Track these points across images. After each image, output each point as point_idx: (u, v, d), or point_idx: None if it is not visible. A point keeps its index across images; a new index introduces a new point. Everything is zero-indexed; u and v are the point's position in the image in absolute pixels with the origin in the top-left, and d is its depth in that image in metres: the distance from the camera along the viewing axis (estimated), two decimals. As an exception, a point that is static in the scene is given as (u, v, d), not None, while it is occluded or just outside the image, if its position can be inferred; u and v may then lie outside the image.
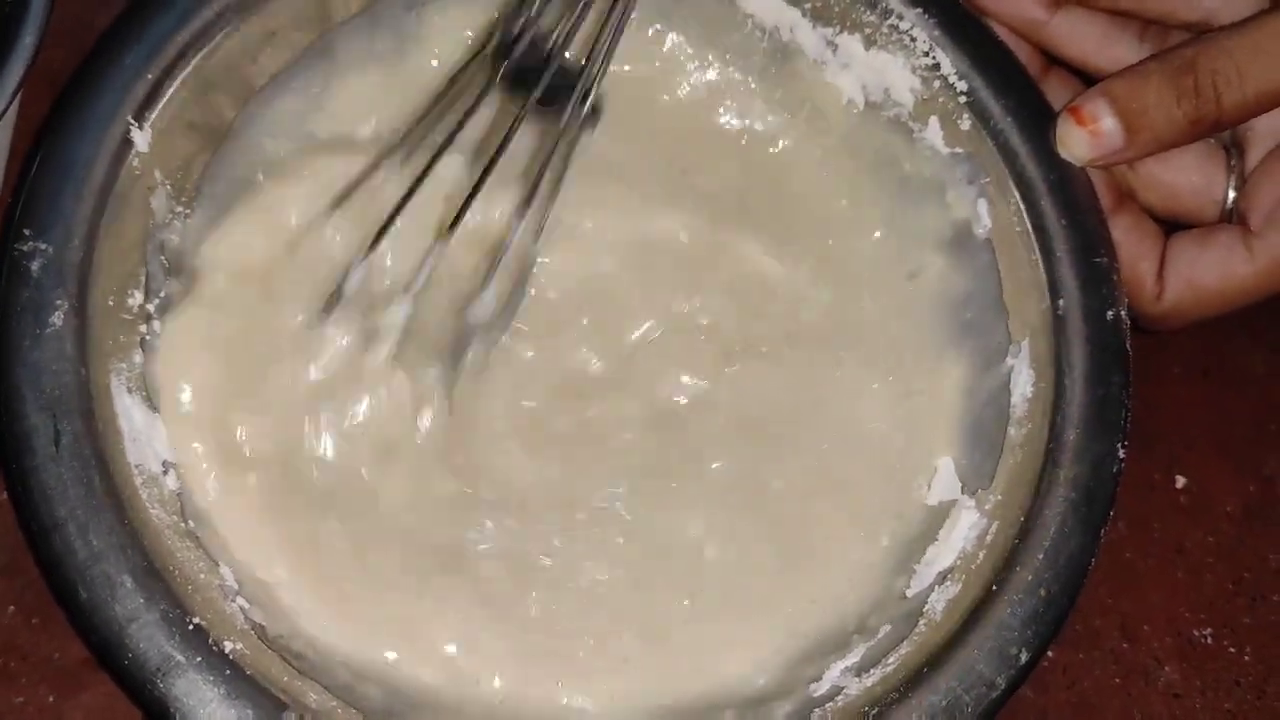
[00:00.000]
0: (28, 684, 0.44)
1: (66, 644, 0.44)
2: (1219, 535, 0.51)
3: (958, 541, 0.43)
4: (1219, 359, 0.54)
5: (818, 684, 0.42)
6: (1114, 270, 0.44)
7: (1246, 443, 0.53)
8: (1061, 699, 0.48)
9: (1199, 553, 0.51)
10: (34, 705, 0.44)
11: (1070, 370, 0.43)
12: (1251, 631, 0.50)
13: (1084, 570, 0.41)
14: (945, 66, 0.46)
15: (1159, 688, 0.49)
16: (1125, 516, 0.50)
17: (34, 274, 0.39)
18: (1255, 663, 0.50)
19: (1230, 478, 0.52)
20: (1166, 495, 0.52)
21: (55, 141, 0.41)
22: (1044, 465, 0.42)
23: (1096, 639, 0.49)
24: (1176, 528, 0.51)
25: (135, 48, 0.42)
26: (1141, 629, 0.49)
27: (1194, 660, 0.49)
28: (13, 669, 0.44)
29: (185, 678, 0.37)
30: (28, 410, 0.38)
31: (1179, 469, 0.52)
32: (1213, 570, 0.51)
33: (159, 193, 0.43)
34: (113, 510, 0.38)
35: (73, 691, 0.44)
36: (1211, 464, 0.52)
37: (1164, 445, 0.52)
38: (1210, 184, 0.47)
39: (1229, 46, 0.43)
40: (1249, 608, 0.50)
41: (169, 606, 0.37)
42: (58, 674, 0.44)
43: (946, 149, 0.47)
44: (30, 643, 0.44)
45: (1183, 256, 0.46)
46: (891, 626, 0.42)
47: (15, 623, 0.45)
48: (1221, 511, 0.52)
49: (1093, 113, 0.44)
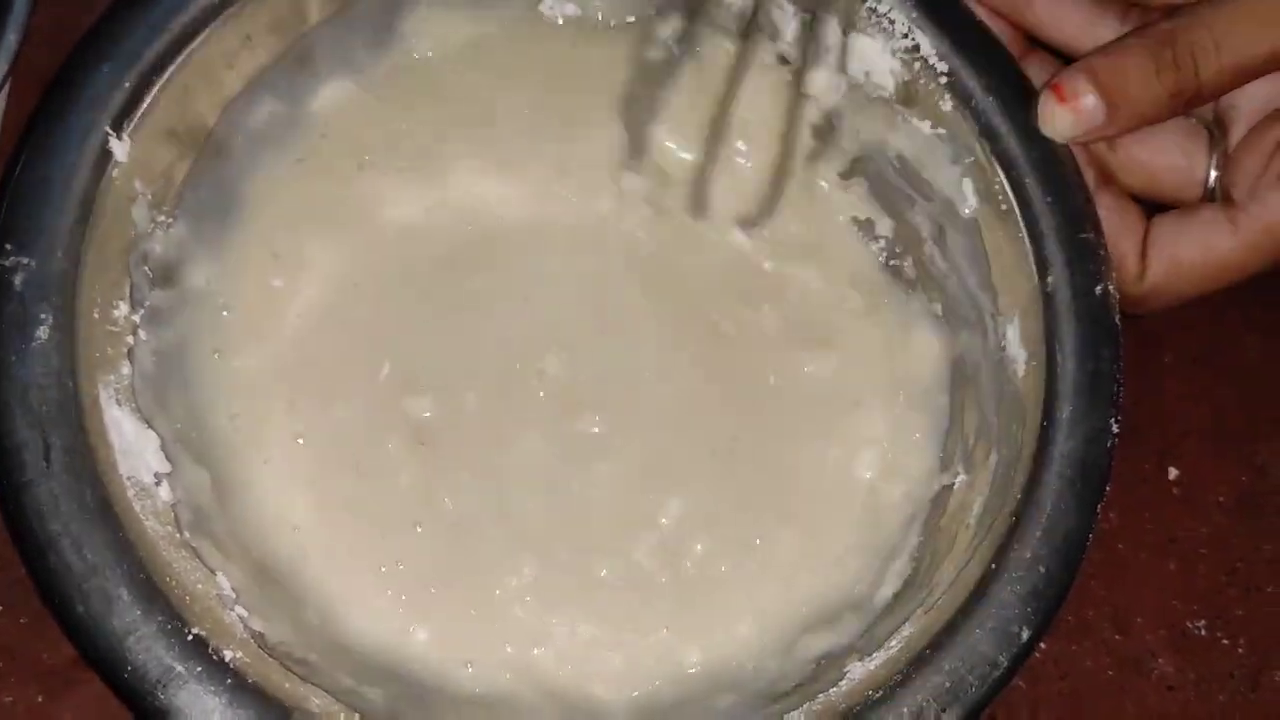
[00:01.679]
0: (16, 684, 0.44)
1: (56, 644, 0.44)
2: (1212, 526, 0.51)
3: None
4: (1210, 348, 0.53)
5: (820, 667, 0.42)
6: (1100, 246, 0.44)
7: (1238, 432, 0.52)
8: (1054, 691, 0.48)
9: (1191, 543, 0.51)
10: (23, 705, 0.44)
11: (1061, 347, 0.43)
12: (1245, 623, 0.50)
13: (1082, 546, 0.41)
14: (925, 48, 0.46)
15: (1152, 679, 0.49)
16: (1117, 508, 0.50)
17: (17, 288, 0.39)
18: (1249, 654, 0.49)
19: (1222, 468, 0.52)
20: (1158, 486, 0.51)
21: (34, 154, 0.40)
22: (1038, 442, 0.42)
23: (1089, 631, 0.49)
24: (1169, 519, 0.51)
25: (111, 57, 0.41)
26: (1134, 621, 0.49)
27: (1187, 652, 0.49)
28: (1, 669, 0.44)
29: (187, 688, 0.37)
30: (16, 426, 0.38)
31: (1170, 460, 0.52)
32: (1206, 561, 0.51)
33: (140, 202, 0.42)
34: (107, 524, 0.38)
35: (62, 692, 0.44)
36: (1203, 454, 0.52)
37: (1155, 436, 0.52)
38: (1192, 164, 0.47)
39: (1206, 19, 0.44)
40: (1242, 598, 0.50)
41: (167, 618, 0.37)
42: (47, 674, 0.44)
43: (929, 130, 0.47)
44: (19, 642, 0.44)
45: (1165, 234, 0.46)
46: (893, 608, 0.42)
47: (4, 622, 0.44)
48: (1214, 502, 0.51)
49: (1073, 89, 0.44)
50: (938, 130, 0.46)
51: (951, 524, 0.44)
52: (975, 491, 0.44)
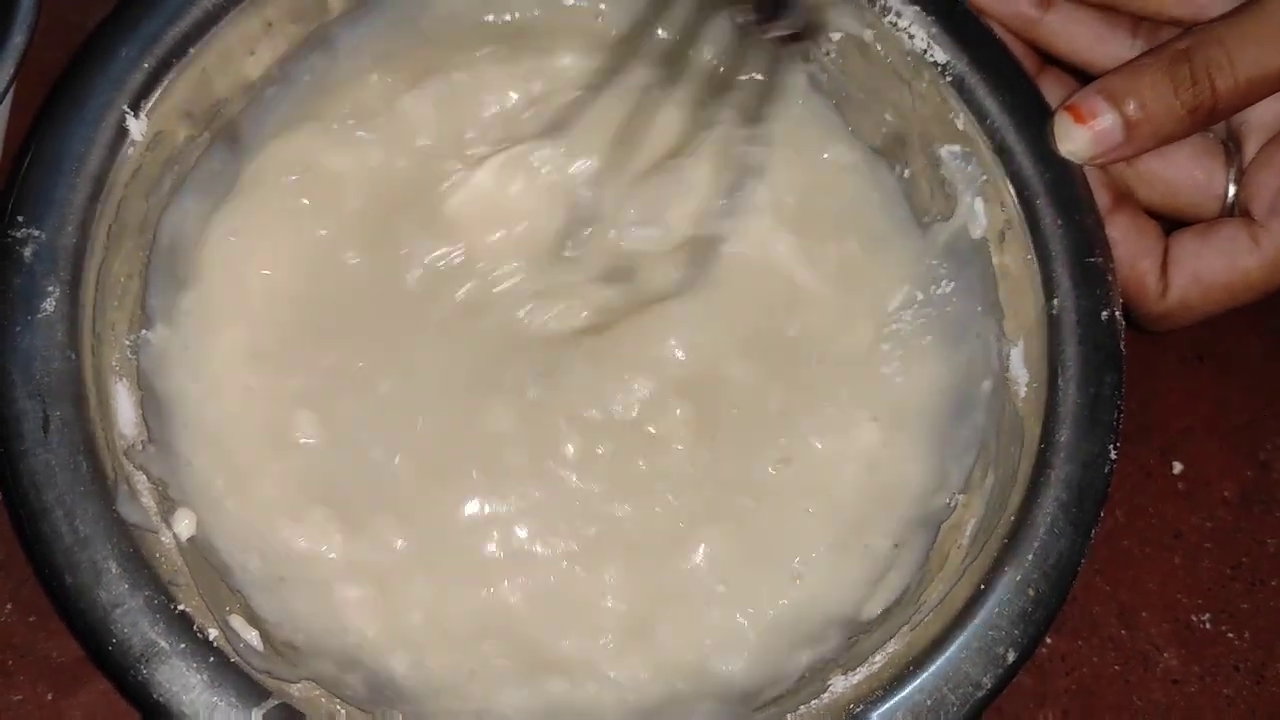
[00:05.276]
0: (26, 681, 0.44)
1: (65, 642, 0.44)
2: (1216, 521, 0.51)
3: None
4: (1214, 344, 0.54)
5: (803, 680, 0.41)
6: (1109, 271, 0.44)
7: (1243, 428, 0.53)
8: (1060, 686, 0.48)
9: (1196, 538, 0.51)
10: (33, 703, 0.44)
11: (1064, 370, 0.43)
12: (1250, 616, 0.50)
13: (1074, 570, 0.41)
14: (940, 58, 0.46)
15: (1158, 674, 0.49)
16: (1123, 504, 0.50)
17: (26, 260, 0.39)
18: (1254, 648, 0.50)
19: (1227, 463, 0.52)
20: (1163, 482, 0.52)
21: (50, 129, 0.41)
22: (1035, 465, 0.42)
23: (1095, 626, 0.49)
24: (1174, 514, 0.51)
25: (130, 39, 0.42)
26: (1140, 615, 0.50)
27: (1192, 646, 0.49)
28: (10, 667, 0.44)
29: (169, 664, 0.37)
30: (17, 395, 0.38)
31: (1175, 455, 0.52)
32: (1210, 556, 0.51)
33: (154, 181, 0.43)
34: (100, 496, 0.38)
35: (71, 689, 0.44)
36: (1208, 450, 0.52)
37: (1160, 432, 0.52)
38: (1210, 179, 0.47)
39: (1220, 35, 0.43)
40: (1247, 592, 0.50)
41: (154, 592, 0.37)
42: (56, 672, 0.44)
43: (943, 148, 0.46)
44: (28, 640, 0.45)
45: (1186, 251, 0.46)
46: (880, 623, 0.42)
47: (13, 620, 0.45)
48: (1218, 497, 0.52)
49: (1091, 109, 0.44)
50: (950, 147, 0.46)
51: (944, 543, 0.44)
52: (970, 512, 0.44)
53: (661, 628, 0.43)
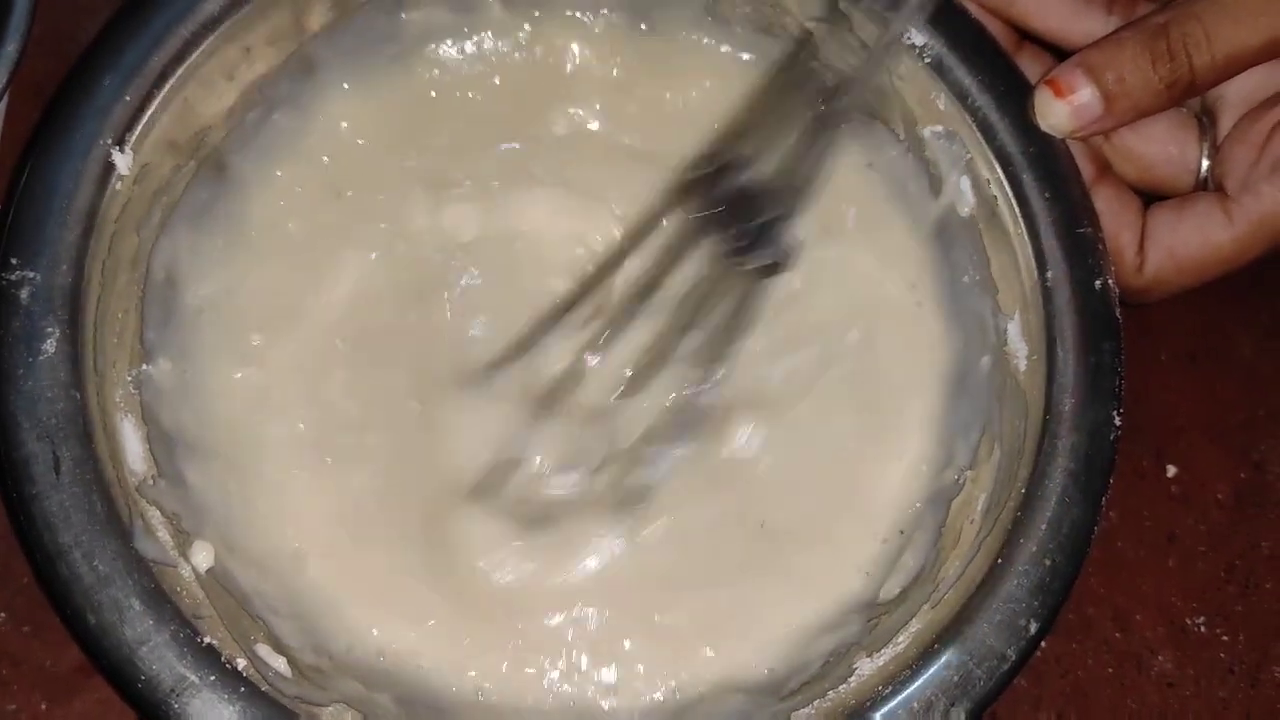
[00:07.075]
0: (20, 691, 0.44)
1: (59, 651, 0.44)
2: (1210, 523, 0.51)
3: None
4: (1206, 344, 0.53)
5: (828, 665, 0.42)
6: (1099, 240, 0.44)
7: (1236, 428, 0.52)
8: (1055, 688, 0.48)
9: (1190, 540, 0.51)
10: (27, 713, 0.44)
11: (1062, 341, 0.43)
12: (1244, 618, 0.50)
13: (1087, 538, 0.41)
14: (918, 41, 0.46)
15: (1152, 676, 0.49)
16: (1116, 506, 0.50)
17: (23, 302, 0.39)
18: (1248, 650, 0.49)
19: (1220, 464, 0.52)
20: (1157, 484, 0.51)
21: (38, 167, 0.40)
22: (1041, 436, 0.42)
23: (1089, 628, 0.49)
24: (1167, 516, 0.51)
25: (112, 69, 0.41)
26: (1134, 618, 0.49)
27: (1187, 648, 0.49)
28: (4, 676, 0.44)
29: (200, 697, 0.37)
30: (25, 438, 0.38)
31: (1168, 457, 0.52)
32: (1204, 558, 0.51)
33: (144, 214, 0.43)
34: (117, 534, 0.38)
35: (65, 698, 0.44)
36: (1201, 451, 0.52)
37: (1153, 433, 0.52)
38: (1184, 153, 0.48)
39: (1197, 11, 0.44)
40: (1241, 595, 0.50)
41: (179, 627, 0.37)
42: (50, 681, 0.44)
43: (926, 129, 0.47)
44: (22, 650, 0.44)
45: (1162, 226, 0.47)
46: (900, 604, 0.42)
47: (6, 630, 0.45)
48: (1212, 499, 0.51)
49: (1070, 83, 0.44)
50: (933, 128, 0.46)
51: (956, 519, 0.44)
52: (979, 487, 0.44)
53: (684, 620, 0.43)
